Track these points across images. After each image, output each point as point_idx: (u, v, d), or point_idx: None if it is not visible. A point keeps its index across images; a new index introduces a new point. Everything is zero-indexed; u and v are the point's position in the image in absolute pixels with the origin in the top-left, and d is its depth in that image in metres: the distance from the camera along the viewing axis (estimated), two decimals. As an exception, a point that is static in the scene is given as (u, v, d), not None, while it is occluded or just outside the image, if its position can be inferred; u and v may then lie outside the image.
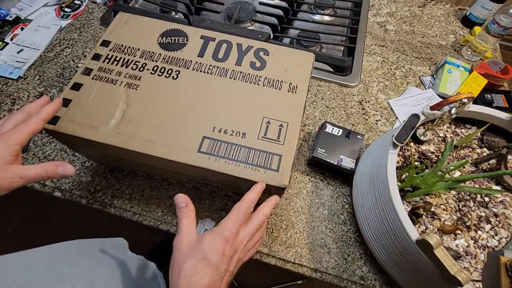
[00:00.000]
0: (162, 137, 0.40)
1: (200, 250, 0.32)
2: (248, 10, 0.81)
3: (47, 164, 0.35)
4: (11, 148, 0.33)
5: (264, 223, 0.38)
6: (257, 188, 0.37)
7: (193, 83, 0.45)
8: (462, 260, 0.40)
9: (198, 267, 0.31)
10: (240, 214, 0.35)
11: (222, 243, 0.32)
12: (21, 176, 0.34)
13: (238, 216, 0.35)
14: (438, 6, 0.90)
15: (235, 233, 0.34)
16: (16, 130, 0.34)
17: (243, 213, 0.35)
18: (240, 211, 0.35)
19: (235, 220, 0.34)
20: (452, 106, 0.43)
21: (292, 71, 0.47)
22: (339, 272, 0.49)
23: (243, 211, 0.35)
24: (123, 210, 0.53)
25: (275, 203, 0.39)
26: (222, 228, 0.34)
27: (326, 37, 0.79)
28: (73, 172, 0.36)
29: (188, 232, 0.34)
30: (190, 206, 0.35)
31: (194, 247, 0.32)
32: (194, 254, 0.32)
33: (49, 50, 0.71)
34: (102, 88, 0.43)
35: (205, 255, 0.31)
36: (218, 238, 0.33)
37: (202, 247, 0.32)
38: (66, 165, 0.36)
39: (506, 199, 0.44)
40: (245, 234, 0.35)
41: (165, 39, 0.49)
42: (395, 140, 0.42)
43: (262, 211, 0.37)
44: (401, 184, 0.44)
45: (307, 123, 0.64)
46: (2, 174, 0.33)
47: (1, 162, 0.32)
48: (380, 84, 0.72)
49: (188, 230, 0.34)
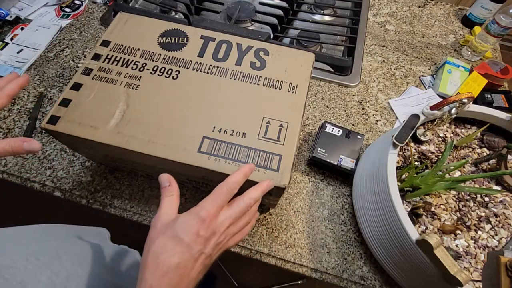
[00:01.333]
0: (162, 137, 0.40)
1: (172, 229, 0.31)
2: (248, 10, 0.81)
3: (13, 139, 0.34)
4: None
5: (251, 207, 0.35)
6: (244, 169, 0.36)
7: (193, 83, 0.45)
8: (462, 260, 0.40)
9: (168, 245, 0.30)
10: (220, 195, 0.33)
11: (196, 223, 0.31)
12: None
13: (218, 197, 0.33)
14: (438, 6, 0.90)
15: (213, 214, 0.32)
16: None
17: (224, 193, 0.33)
18: (221, 192, 0.33)
19: (214, 201, 0.33)
20: (452, 106, 0.43)
21: (292, 71, 0.47)
22: (339, 272, 0.49)
23: (224, 191, 0.33)
24: (123, 210, 0.53)
25: (267, 187, 0.36)
26: (199, 208, 0.32)
27: (326, 37, 0.79)
28: (39, 148, 0.35)
29: (167, 211, 0.33)
30: (173, 186, 0.34)
31: (168, 225, 0.31)
32: (167, 232, 0.30)
33: (49, 50, 0.71)
34: (102, 88, 0.43)
35: (177, 234, 0.30)
36: (193, 217, 0.31)
37: (176, 225, 0.31)
38: (31, 140, 0.35)
39: (506, 199, 0.44)
40: (226, 216, 0.33)
41: (165, 39, 0.49)
42: (395, 140, 0.42)
43: (249, 194, 0.35)
44: (401, 184, 0.44)
45: (307, 123, 0.64)
46: None
47: None
48: (380, 84, 0.72)
49: (167, 209, 0.33)
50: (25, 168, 0.55)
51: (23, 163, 0.56)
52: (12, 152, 0.35)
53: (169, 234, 0.30)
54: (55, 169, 0.56)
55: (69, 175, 0.55)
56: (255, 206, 0.37)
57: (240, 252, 0.50)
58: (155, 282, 0.28)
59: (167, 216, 0.32)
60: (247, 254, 0.50)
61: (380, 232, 0.43)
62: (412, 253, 0.38)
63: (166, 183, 0.34)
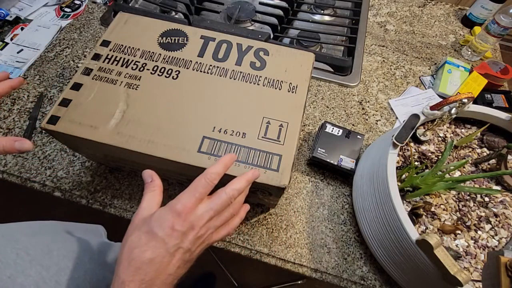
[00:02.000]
0: (162, 137, 0.40)
1: (147, 223, 0.30)
2: (248, 10, 0.81)
3: (4, 138, 0.34)
4: None
5: (236, 199, 0.34)
6: (224, 159, 0.35)
7: (193, 83, 0.45)
8: (462, 260, 0.40)
9: (142, 239, 0.29)
10: (198, 187, 0.32)
11: (172, 217, 0.30)
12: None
13: (196, 189, 0.31)
14: (438, 6, 0.90)
15: (189, 207, 0.31)
16: None
17: (203, 185, 0.32)
18: (199, 184, 0.32)
19: (191, 193, 0.31)
20: (452, 106, 0.43)
21: (292, 71, 0.47)
22: (339, 272, 0.49)
23: (203, 183, 0.32)
24: (123, 210, 0.53)
25: (252, 176, 0.35)
26: (175, 201, 0.31)
27: (326, 37, 0.79)
28: (31, 147, 0.35)
29: (146, 206, 0.32)
30: (156, 181, 0.34)
31: (145, 220, 0.31)
32: (142, 227, 0.30)
33: (49, 50, 0.71)
34: (102, 88, 0.43)
35: (151, 228, 0.29)
36: (168, 211, 0.30)
37: (151, 220, 0.30)
38: (23, 140, 0.35)
39: (506, 199, 0.44)
40: (206, 209, 0.31)
41: (165, 39, 0.49)
42: (395, 140, 0.42)
43: (232, 185, 0.33)
44: (401, 184, 0.44)
45: (307, 123, 0.64)
46: None
47: None
48: (380, 84, 0.72)
49: (147, 205, 0.32)
50: (25, 168, 0.55)
51: (23, 163, 0.56)
52: (3, 151, 0.34)
53: (144, 229, 0.30)
54: (55, 169, 0.56)
55: (69, 175, 0.55)
56: (241, 197, 0.36)
57: (240, 252, 0.50)
58: (128, 278, 0.28)
59: (146, 211, 0.32)
60: (247, 254, 0.50)
61: (380, 232, 0.43)
62: (412, 253, 0.38)
63: (149, 178, 0.34)
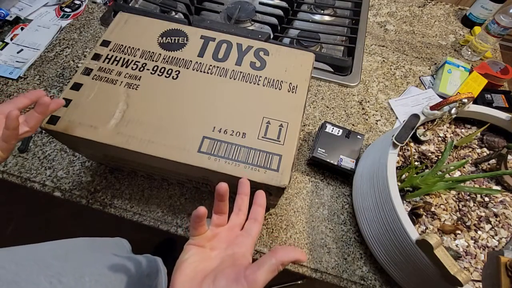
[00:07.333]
0: (162, 137, 0.40)
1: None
2: (248, 10, 0.81)
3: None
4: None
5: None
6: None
7: (193, 83, 0.45)
8: (462, 260, 0.40)
9: None
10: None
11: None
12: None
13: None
14: (438, 6, 0.90)
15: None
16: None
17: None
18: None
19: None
20: (452, 106, 0.43)
21: (292, 71, 0.47)
22: (339, 272, 0.49)
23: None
24: (123, 210, 0.53)
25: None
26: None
27: (326, 37, 0.79)
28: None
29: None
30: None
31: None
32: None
33: (49, 50, 0.71)
34: (102, 88, 0.43)
35: None
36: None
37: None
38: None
39: (506, 199, 0.44)
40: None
41: (165, 39, 0.49)
42: (395, 140, 0.42)
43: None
44: (401, 184, 0.44)
45: (307, 123, 0.64)
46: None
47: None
48: (380, 84, 0.72)
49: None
50: (25, 168, 0.55)
51: (23, 163, 0.56)
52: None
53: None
54: (55, 169, 0.56)
55: (69, 175, 0.55)
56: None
57: (240, 252, 0.50)
58: None
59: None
60: (247, 254, 0.50)
61: (380, 232, 0.43)
62: (412, 253, 0.38)
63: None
